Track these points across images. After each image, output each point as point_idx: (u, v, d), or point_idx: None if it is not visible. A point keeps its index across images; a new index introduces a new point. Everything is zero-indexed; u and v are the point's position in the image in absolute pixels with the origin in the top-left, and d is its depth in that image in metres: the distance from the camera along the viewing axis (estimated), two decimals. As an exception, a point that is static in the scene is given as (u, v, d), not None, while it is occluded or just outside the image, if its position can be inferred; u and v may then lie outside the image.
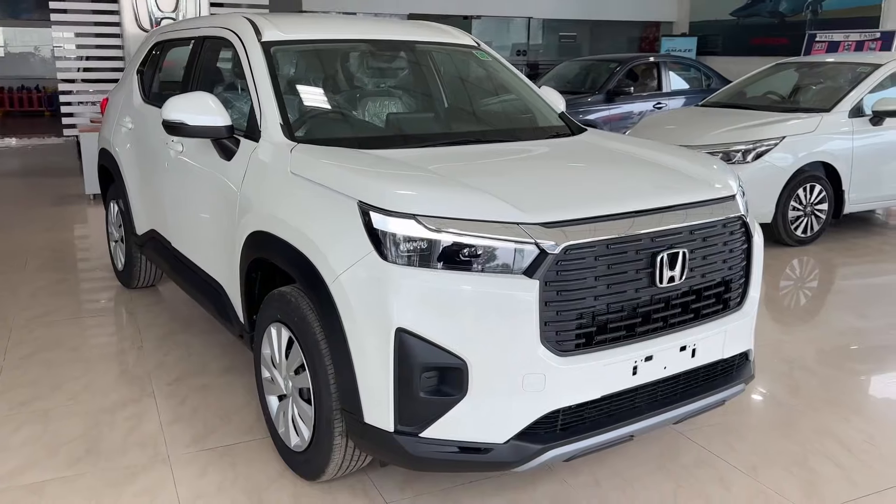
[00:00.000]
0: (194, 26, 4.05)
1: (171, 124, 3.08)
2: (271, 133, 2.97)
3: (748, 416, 3.38)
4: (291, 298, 2.64)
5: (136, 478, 2.82)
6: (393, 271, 2.25)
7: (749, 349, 2.83)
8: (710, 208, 2.62)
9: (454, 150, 3.01)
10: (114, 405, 3.40)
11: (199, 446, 3.05)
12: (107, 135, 4.88)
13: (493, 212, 2.29)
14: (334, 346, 2.43)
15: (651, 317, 2.47)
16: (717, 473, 2.90)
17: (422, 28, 3.88)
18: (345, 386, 2.41)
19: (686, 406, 2.62)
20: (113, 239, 5.12)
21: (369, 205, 2.33)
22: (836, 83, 6.88)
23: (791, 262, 6.00)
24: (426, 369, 2.26)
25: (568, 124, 3.64)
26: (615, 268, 2.36)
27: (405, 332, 2.23)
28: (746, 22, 13.27)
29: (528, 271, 2.25)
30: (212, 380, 3.66)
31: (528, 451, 2.31)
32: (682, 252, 2.47)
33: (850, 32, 10.82)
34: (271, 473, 2.86)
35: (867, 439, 3.17)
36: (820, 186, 6.36)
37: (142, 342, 4.15)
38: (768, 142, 6.13)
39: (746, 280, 2.76)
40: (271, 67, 3.18)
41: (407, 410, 2.29)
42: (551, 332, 2.29)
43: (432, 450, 2.31)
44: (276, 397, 2.90)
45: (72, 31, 9.35)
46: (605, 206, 2.42)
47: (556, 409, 2.32)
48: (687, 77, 10.74)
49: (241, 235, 2.95)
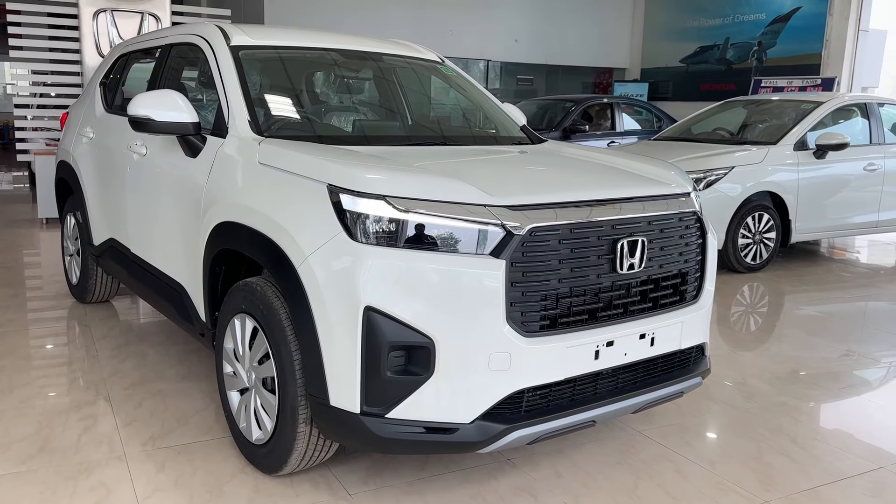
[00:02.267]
0: (161, 35, 4.09)
1: (138, 120, 3.09)
2: (239, 129, 3.00)
3: (703, 416, 3.45)
4: (257, 287, 2.65)
5: (91, 473, 2.75)
6: (362, 251, 2.28)
7: (705, 343, 2.91)
8: (666, 202, 2.72)
9: (421, 149, 3.09)
10: (68, 407, 3.32)
11: (156, 444, 2.99)
12: (66, 146, 4.84)
13: (462, 194, 2.35)
14: (301, 331, 2.43)
15: (612, 302, 2.54)
16: (675, 466, 2.95)
17: (388, 43, 3.99)
18: (311, 370, 2.41)
19: (645, 394, 2.68)
20: (68, 253, 5.03)
21: (339, 187, 2.37)
22: (782, 119, 7.19)
23: (741, 287, 6.17)
24: (394, 348, 2.27)
25: (529, 136, 3.75)
26: (578, 252, 2.43)
27: (373, 311, 2.25)
28: (695, 69, 13.81)
29: (494, 252, 2.30)
30: (169, 385, 3.60)
31: (493, 430, 2.33)
32: (641, 240, 2.55)
33: (794, 78, 11.34)
34: (231, 469, 2.81)
35: (818, 437, 3.27)
36: (768, 215, 6.59)
37: (97, 351, 4.07)
38: (718, 171, 6.36)
39: (702, 274, 2.86)
40: (239, 68, 3.23)
41: (374, 391, 2.30)
42: (517, 313, 2.33)
43: (399, 430, 2.32)
44: (237, 392, 2.87)
45: (28, 67, 9.27)
46: (569, 194, 2.50)
47: (522, 389, 2.35)
48: (639, 118, 11.09)
49: (205, 229, 2.95)
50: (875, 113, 7.33)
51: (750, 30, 12.74)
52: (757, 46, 12.65)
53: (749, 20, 12.72)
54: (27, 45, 8.99)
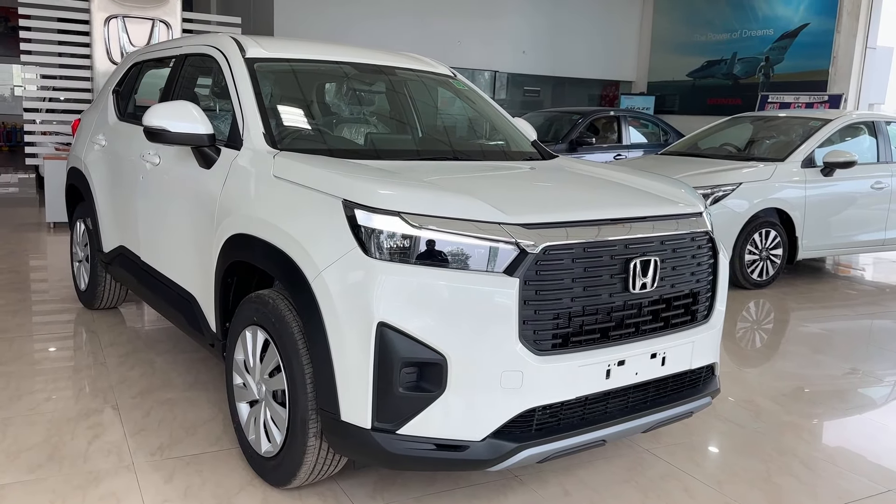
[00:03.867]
0: (175, 45, 4.11)
1: (153, 131, 3.10)
2: (254, 141, 3.02)
3: (711, 436, 3.45)
4: (269, 300, 2.66)
5: (100, 482, 2.76)
6: (376, 266, 2.29)
7: (715, 363, 2.91)
8: (678, 222, 2.73)
9: (433, 164, 3.10)
10: (76, 416, 3.32)
11: (165, 455, 2.99)
12: (78, 153, 4.86)
13: (476, 212, 2.36)
14: (313, 344, 2.44)
15: (624, 322, 2.54)
16: (682, 485, 2.94)
17: (401, 56, 4.01)
18: (322, 384, 2.42)
19: (656, 414, 2.68)
20: (77, 259, 5.05)
21: (354, 202, 2.38)
22: (789, 136, 7.20)
23: (748, 304, 6.17)
24: (406, 364, 2.28)
25: (540, 151, 3.76)
26: (591, 271, 2.44)
27: (386, 327, 2.26)
28: (702, 83, 13.84)
29: (508, 270, 2.31)
30: (177, 394, 3.61)
31: (503, 449, 2.34)
32: (654, 260, 2.56)
33: (801, 94, 11.36)
34: (240, 481, 2.81)
35: (827, 458, 3.26)
36: (775, 232, 6.60)
37: (104, 359, 4.07)
38: (725, 187, 6.37)
39: (713, 294, 2.86)
40: (254, 81, 3.25)
41: (385, 407, 2.30)
42: (529, 331, 2.34)
43: (409, 447, 2.32)
44: (246, 403, 2.88)
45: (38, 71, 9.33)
46: (582, 213, 2.51)
47: (533, 407, 2.36)
48: (645, 132, 11.12)
49: (219, 240, 2.96)
50: (883, 131, 7.33)
51: (757, 45, 12.77)
52: (764, 62, 12.68)
53: (757, 35, 12.76)
54: (38, 49, 9.05)
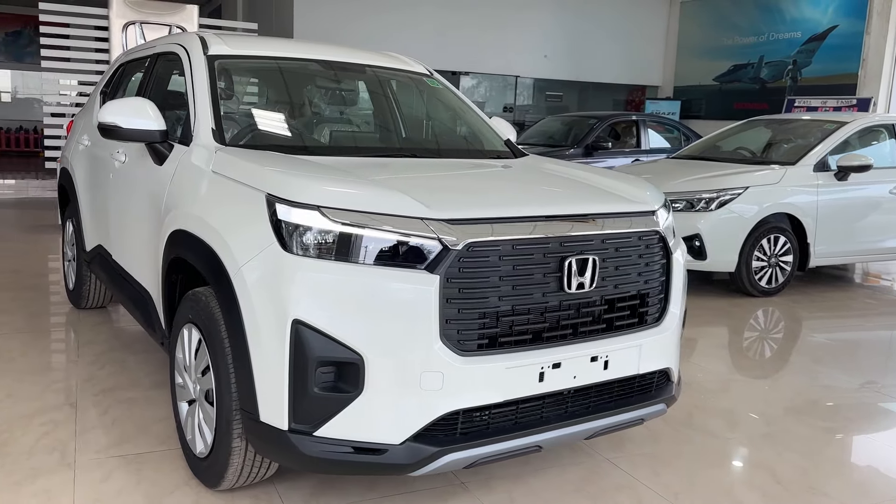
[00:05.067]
0: (151, 45, 4.12)
1: (106, 127, 3.09)
2: (202, 137, 2.98)
3: (680, 447, 3.30)
4: (202, 297, 2.61)
5: (36, 479, 2.74)
6: (292, 262, 2.22)
7: (670, 368, 2.78)
8: (625, 220, 2.61)
9: (381, 160, 3.03)
10: (33, 412, 3.32)
11: (110, 453, 2.96)
12: (66, 154, 4.91)
13: (398, 206, 2.28)
14: (234, 342, 2.38)
15: (560, 323, 2.43)
16: (635, 497, 2.81)
17: (375, 54, 3.95)
18: (243, 384, 2.36)
19: (599, 420, 2.56)
20: (67, 258, 5.09)
21: (276, 196, 2.32)
22: (805, 139, 6.96)
23: (753, 312, 5.96)
24: (322, 364, 2.21)
25: (512, 150, 3.67)
26: (521, 269, 2.33)
27: (301, 324, 2.19)
28: (728, 87, 13.53)
29: (429, 267, 2.22)
30: (140, 393, 3.58)
31: (424, 453, 2.25)
32: (593, 259, 2.44)
33: (829, 98, 11.02)
34: (176, 481, 2.77)
35: (800, 473, 3.09)
36: (784, 238, 6.37)
37: (77, 357, 4.08)
38: (732, 191, 6.17)
39: (666, 296, 2.73)
40: (212, 77, 3.22)
41: (301, 408, 2.23)
42: (452, 331, 2.25)
43: (326, 450, 2.24)
44: (186, 403, 2.83)
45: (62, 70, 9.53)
46: (514, 209, 2.41)
47: (455, 410, 2.26)
48: (667, 137, 10.89)
49: (163, 236, 2.93)
50: (903, 134, 7.05)
51: (785, 48, 12.44)
52: (792, 65, 12.34)
53: (784, 38, 12.43)
54: (59, 55, 9.24)
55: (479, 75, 13.79)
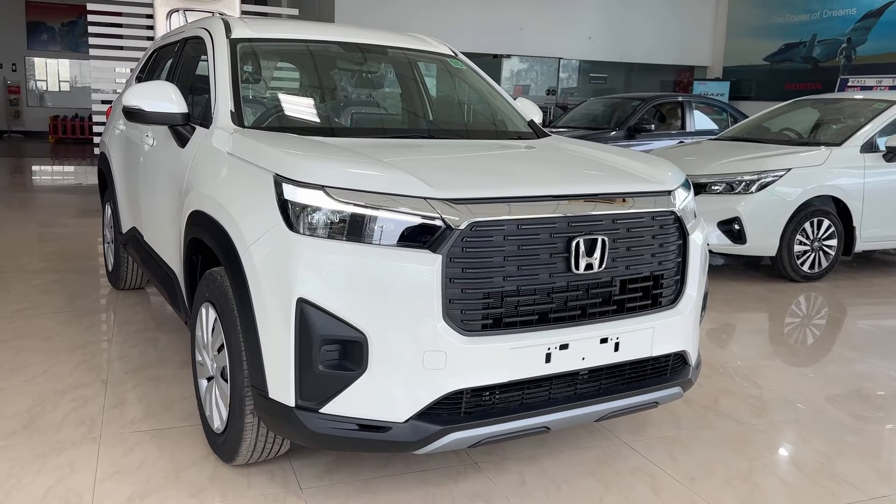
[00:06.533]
0: (181, 30, 4.19)
1: (130, 110, 3.16)
2: (221, 119, 3.03)
3: (702, 431, 3.24)
4: (218, 277, 2.66)
5: (62, 452, 2.83)
6: (297, 241, 2.25)
7: (686, 351, 2.72)
8: (638, 200, 2.56)
9: (395, 141, 3.03)
10: (65, 388, 3.43)
11: (134, 428, 3.05)
12: (105, 139, 5.04)
13: (401, 186, 2.28)
14: (244, 321, 2.42)
15: (567, 303, 2.40)
16: (650, 481, 2.78)
17: (398, 35, 3.94)
18: (253, 361, 2.40)
19: (609, 402, 2.53)
20: (106, 241, 5.24)
21: (282, 177, 2.34)
22: (853, 120, 6.72)
23: (793, 297, 5.80)
24: (326, 342, 2.23)
25: (535, 131, 3.63)
26: (526, 249, 2.31)
27: (306, 303, 2.22)
28: (779, 67, 13.14)
29: (431, 246, 2.22)
30: (168, 371, 3.68)
31: (427, 431, 2.25)
32: (602, 239, 2.41)
33: (883, 77, 10.61)
34: (195, 456, 2.83)
35: (822, 460, 3.01)
36: (829, 221, 6.17)
37: (112, 336, 4.21)
38: (773, 173, 6.00)
39: (682, 278, 2.68)
40: (233, 60, 3.26)
41: (307, 385, 2.26)
42: (456, 311, 2.24)
43: (332, 426, 2.27)
44: (205, 380, 2.90)
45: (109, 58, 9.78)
46: (520, 189, 2.39)
47: (459, 389, 2.26)
48: (714, 118, 10.63)
49: (183, 217, 2.99)
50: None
51: (838, 26, 12.01)
52: (846, 43, 11.91)
53: (838, 16, 11.99)
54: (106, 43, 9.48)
55: (521, 58, 13.67)
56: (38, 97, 21.10)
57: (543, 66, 13.93)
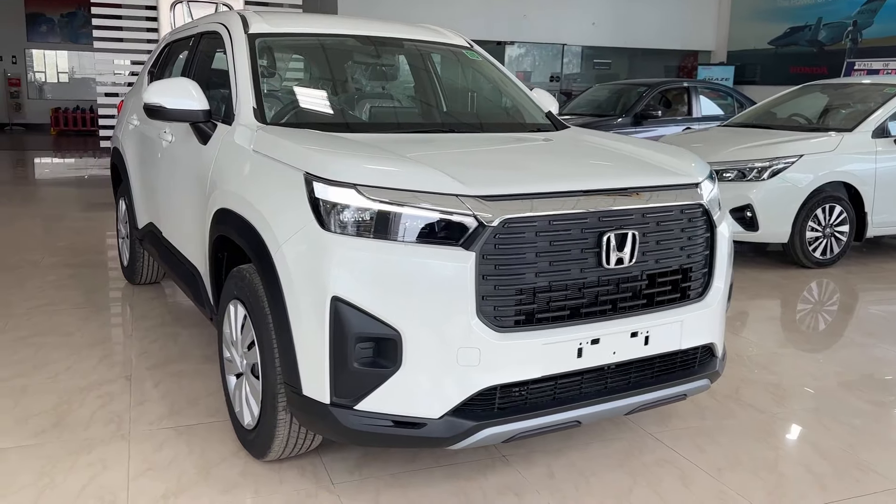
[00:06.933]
0: (194, 25, 4.17)
1: (152, 107, 3.16)
2: (244, 116, 3.02)
3: (725, 421, 3.25)
4: (246, 274, 2.66)
5: (93, 449, 2.85)
6: (330, 240, 2.25)
7: (713, 343, 2.74)
8: (666, 193, 2.56)
9: (419, 136, 3.03)
10: (89, 385, 3.45)
11: (162, 425, 3.06)
12: (118, 134, 5.03)
13: (433, 183, 2.28)
14: (277, 319, 2.43)
15: (598, 298, 2.41)
16: (678, 473, 2.80)
17: (414, 28, 3.93)
18: (286, 359, 2.41)
19: (639, 396, 2.54)
20: (121, 236, 5.24)
21: (313, 175, 2.35)
22: (863, 105, 6.71)
23: (805, 283, 5.81)
24: (361, 340, 2.24)
25: (553, 122, 3.62)
26: (558, 245, 2.32)
27: (340, 301, 2.22)
28: (784, 51, 13.08)
29: (464, 243, 2.23)
30: (190, 366, 3.69)
31: (462, 427, 2.27)
32: (632, 234, 2.41)
33: (890, 60, 10.58)
34: (225, 452, 2.85)
35: (846, 448, 3.03)
36: (840, 207, 6.17)
37: (132, 331, 4.22)
38: (785, 159, 6.00)
39: (710, 271, 2.69)
40: (253, 56, 3.25)
41: (342, 382, 2.27)
42: (489, 307, 2.25)
43: (366, 423, 2.29)
44: (234, 376, 2.91)
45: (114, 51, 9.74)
46: (551, 184, 2.39)
47: (493, 385, 2.27)
48: (720, 103, 10.61)
49: (208, 215, 2.99)
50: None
51: (844, 9, 11.94)
52: (852, 26, 11.85)
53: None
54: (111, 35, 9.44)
55: (525, 44, 13.62)
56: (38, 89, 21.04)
57: (546, 52, 13.88)
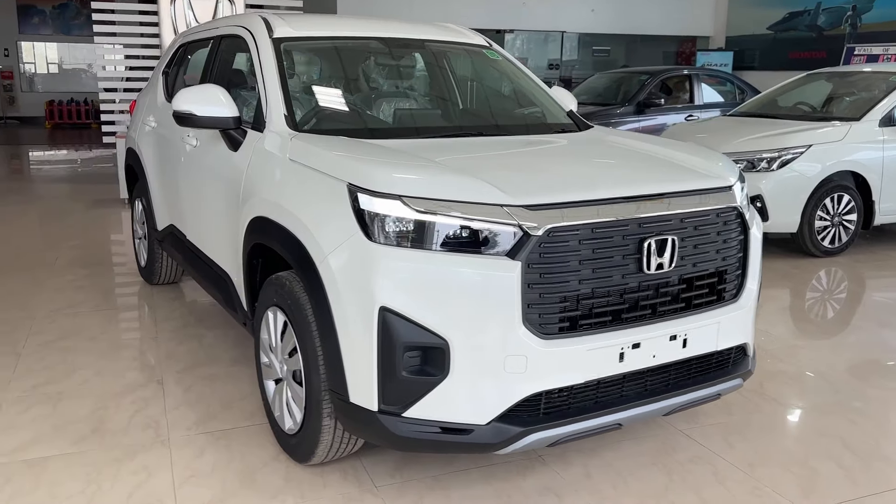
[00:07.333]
0: (214, 26, 4.17)
1: (181, 115, 3.17)
2: (275, 123, 3.04)
3: (752, 416, 3.32)
4: (286, 282, 2.69)
5: (135, 456, 2.89)
6: (377, 251, 2.28)
7: (746, 343, 2.79)
8: (703, 197, 2.60)
9: (452, 141, 3.06)
10: (123, 390, 3.48)
11: (199, 430, 3.10)
12: (133, 134, 5.03)
13: (478, 194, 2.31)
14: (322, 328, 2.46)
15: (639, 304, 2.46)
16: (712, 469, 2.85)
17: (433, 27, 3.94)
18: (332, 366, 2.45)
19: (677, 397, 2.59)
20: (137, 236, 5.25)
21: (357, 186, 2.37)
22: (868, 93, 6.75)
23: (817, 272, 5.88)
24: (409, 349, 2.28)
25: (575, 122, 3.65)
26: (600, 252, 2.36)
27: (388, 312, 2.26)
28: (783, 36, 13.11)
29: (510, 253, 2.26)
30: (220, 369, 3.73)
31: (509, 433, 2.31)
32: (672, 239, 2.45)
33: (890, 45, 10.61)
34: (265, 457, 2.90)
35: (872, 441, 3.09)
36: (848, 196, 6.23)
37: (157, 333, 4.25)
38: (794, 150, 6.04)
39: (743, 272, 2.73)
40: (280, 61, 3.26)
41: (390, 390, 2.31)
42: (534, 315, 2.29)
43: (415, 430, 2.33)
44: (273, 381, 2.95)
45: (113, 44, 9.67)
46: (592, 191, 2.42)
47: (539, 392, 2.32)
48: (721, 90, 10.63)
49: (243, 222, 3.02)
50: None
51: (844, -7, 11.98)
52: (851, 11, 11.87)
53: (843, -17, 11.96)
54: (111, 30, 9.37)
55: (524, 32, 13.59)
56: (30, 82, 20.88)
57: (545, 39, 13.85)
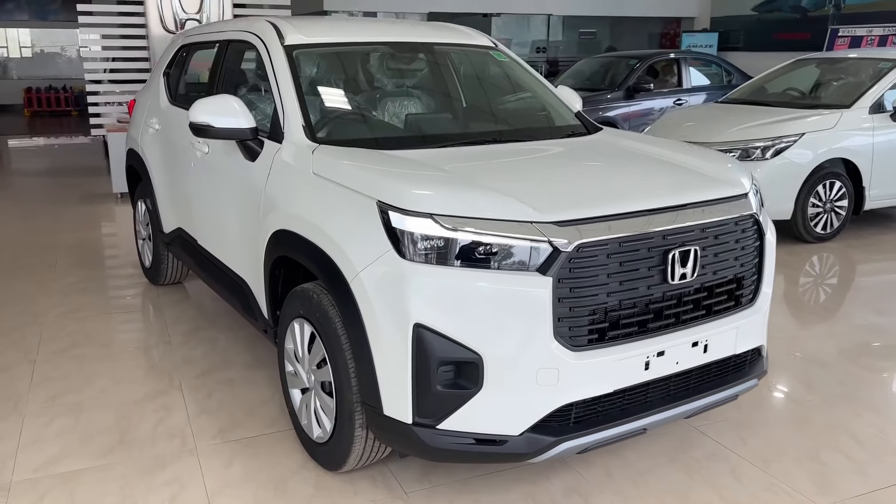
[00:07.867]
0: (219, 30, 4.16)
1: (198, 126, 3.18)
2: (294, 134, 3.07)
3: (762, 411, 3.42)
4: (314, 295, 2.73)
5: (165, 467, 2.93)
6: (410, 269, 2.33)
7: (762, 345, 2.88)
8: (722, 206, 2.67)
9: (471, 150, 3.09)
10: (143, 398, 3.51)
11: (225, 438, 3.15)
12: (134, 135, 5.01)
13: (509, 211, 2.36)
14: (355, 342, 2.51)
15: (663, 313, 2.53)
16: (728, 466, 2.95)
17: (440, 29, 3.96)
18: (365, 380, 2.50)
19: (698, 401, 2.68)
20: (141, 237, 5.25)
21: (388, 204, 2.41)
22: (857, 79, 6.85)
23: (811, 258, 6.00)
24: (443, 363, 2.34)
25: (584, 123, 3.70)
26: (627, 265, 2.42)
27: (422, 328, 2.31)
28: (768, 17, 13.19)
29: (541, 268, 2.32)
30: (237, 374, 3.77)
31: (541, 443, 2.39)
32: (694, 250, 2.52)
33: (874, 27, 10.73)
34: (294, 465, 2.95)
35: (879, 433, 3.21)
36: (840, 183, 6.35)
37: (169, 337, 4.27)
38: (787, 138, 6.14)
39: (759, 277, 2.81)
40: (294, 70, 3.27)
41: (424, 403, 2.37)
42: (564, 328, 2.36)
43: (449, 441, 2.39)
44: (299, 390, 3.00)
45: (98, 33, 9.53)
46: (619, 205, 2.48)
47: (570, 402, 2.39)
48: (708, 73, 10.72)
49: (264, 234, 3.05)
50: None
51: (827, -26, 12.07)
52: (835, -8, 11.98)
53: (827, -37, 12.03)
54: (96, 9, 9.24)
55: (508, 15, 13.56)
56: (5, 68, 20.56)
57: (531, 23, 13.83)
